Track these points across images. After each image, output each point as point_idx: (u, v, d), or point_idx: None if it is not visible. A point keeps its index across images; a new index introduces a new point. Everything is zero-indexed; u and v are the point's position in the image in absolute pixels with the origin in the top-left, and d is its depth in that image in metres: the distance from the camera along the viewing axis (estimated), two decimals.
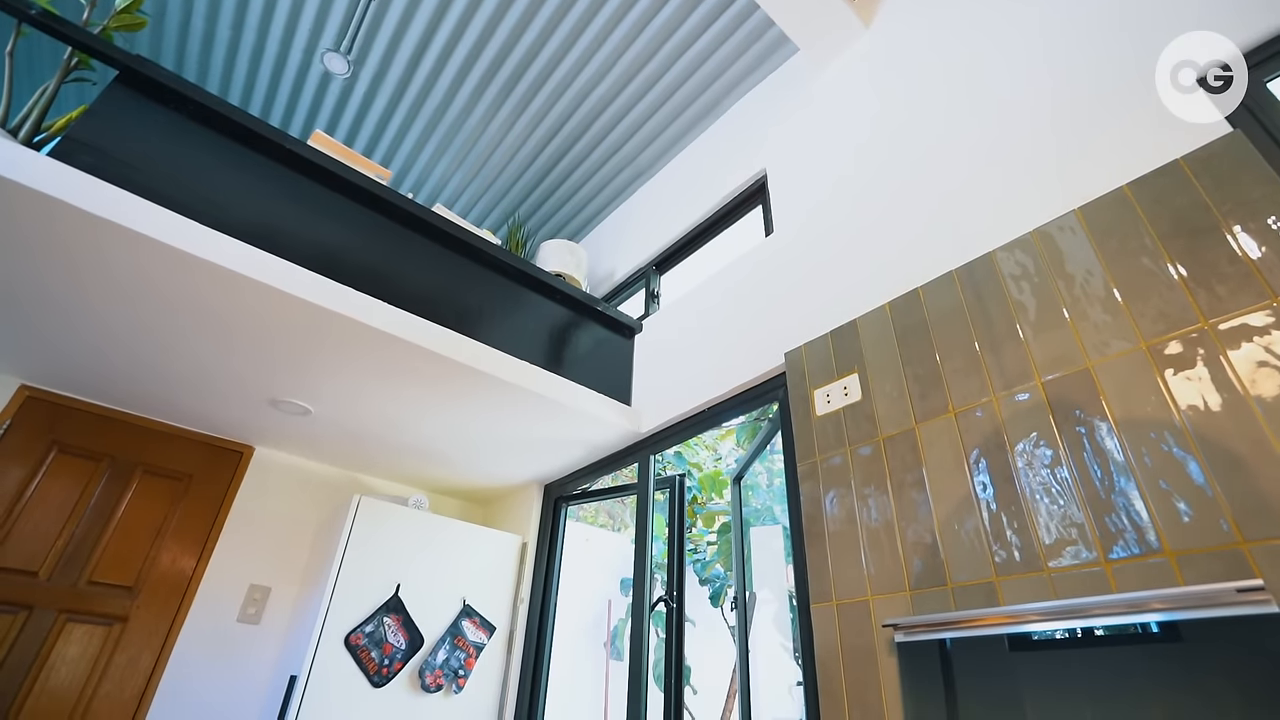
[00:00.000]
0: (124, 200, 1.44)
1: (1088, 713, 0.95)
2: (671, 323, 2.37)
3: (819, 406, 1.57)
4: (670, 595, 1.99)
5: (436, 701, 2.18)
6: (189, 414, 2.31)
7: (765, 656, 2.40)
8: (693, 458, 4.28)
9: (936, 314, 1.41)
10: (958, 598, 1.15)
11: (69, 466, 2.15)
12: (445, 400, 2.10)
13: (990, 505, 1.16)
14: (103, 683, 2.02)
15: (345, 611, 2.10)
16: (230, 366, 1.96)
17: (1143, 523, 0.98)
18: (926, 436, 1.32)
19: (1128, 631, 0.97)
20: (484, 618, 2.38)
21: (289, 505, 2.53)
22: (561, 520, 2.67)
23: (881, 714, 1.18)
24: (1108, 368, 1.10)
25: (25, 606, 1.97)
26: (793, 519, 1.57)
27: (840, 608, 1.32)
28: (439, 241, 2.11)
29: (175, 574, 2.23)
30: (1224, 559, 0.89)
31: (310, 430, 2.36)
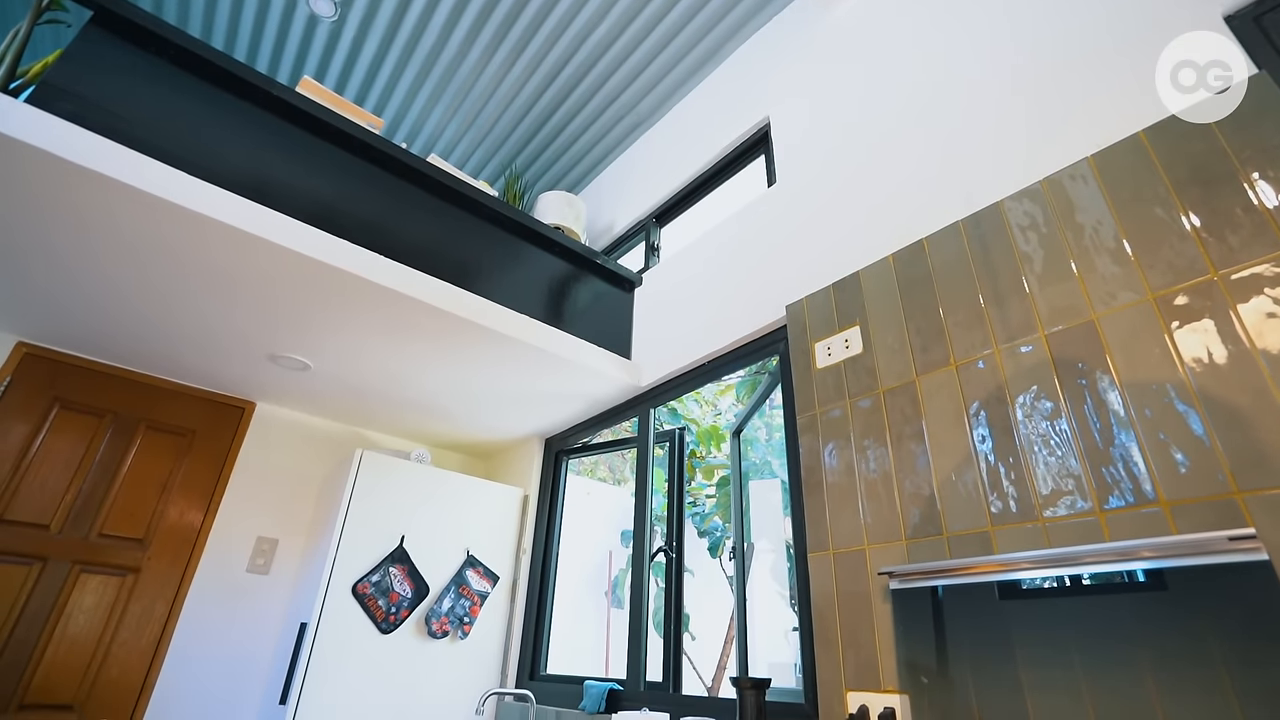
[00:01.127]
0: (109, 150, 1.40)
1: (1075, 656, 0.98)
2: (672, 276, 2.35)
3: (819, 359, 1.56)
4: (670, 546, 2.03)
5: (443, 646, 2.25)
6: (189, 370, 2.31)
7: (762, 604, 2.47)
8: (691, 413, 4.31)
9: (941, 266, 1.39)
10: (953, 546, 1.17)
11: (72, 423, 2.17)
12: (445, 355, 2.09)
13: (988, 457, 1.17)
14: (119, 630, 2.08)
15: (352, 562, 2.14)
16: (227, 322, 1.94)
17: (1139, 474, 0.98)
18: (927, 389, 1.31)
19: (1115, 581, 0.98)
20: (487, 568, 2.44)
21: (292, 460, 2.56)
22: (562, 473, 2.70)
23: (875, 658, 1.21)
24: (1113, 320, 1.09)
25: (39, 558, 2.02)
26: (791, 471, 1.58)
27: (837, 556, 1.35)
28: (436, 194, 2.07)
29: (184, 527, 2.27)
30: (1218, 509, 0.90)
31: (311, 385, 2.36)
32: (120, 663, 2.05)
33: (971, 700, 1.05)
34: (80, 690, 1.98)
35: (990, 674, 1.04)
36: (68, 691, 1.96)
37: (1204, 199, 1.04)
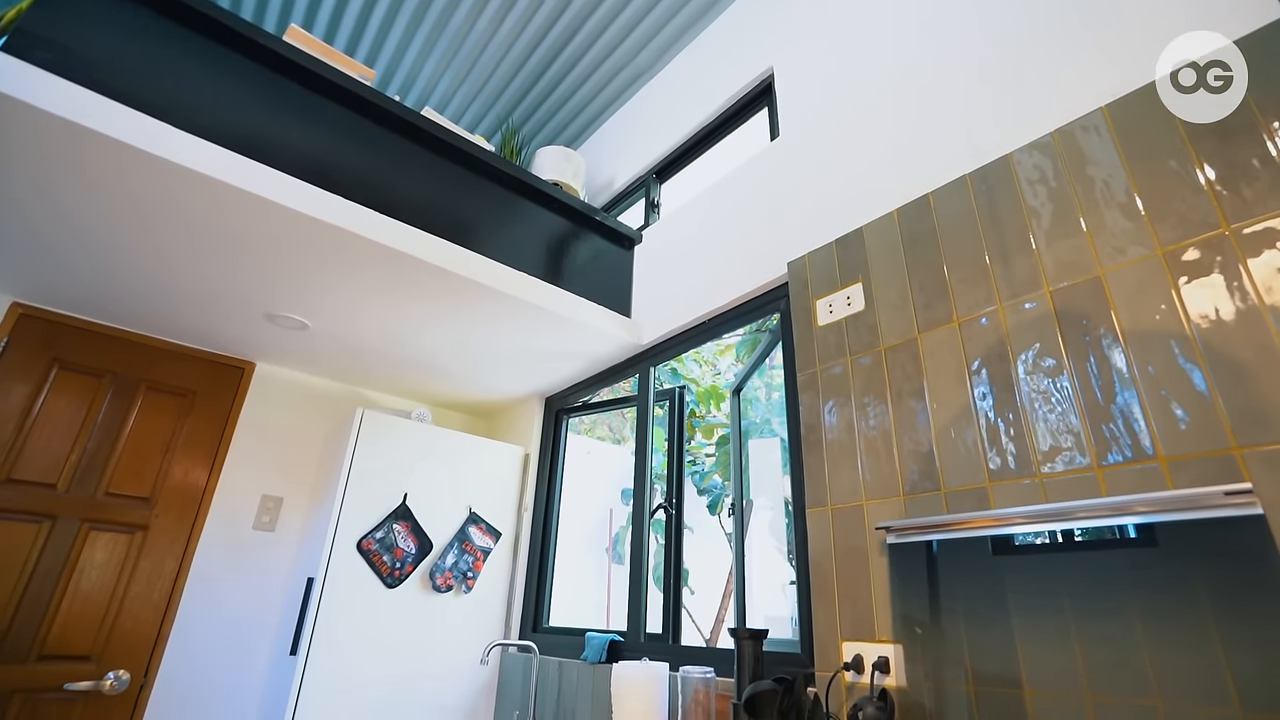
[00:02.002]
0: (93, 102, 1.36)
1: (1066, 605, 0.99)
2: (672, 233, 2.31)
3: (821, 317, 1.55)
4: (669, 503, 2.05)
5: (448, 600, 2.31)
6: (186, 330, 2.30)
7: (760, 559, 2.52)
8: (691, 373, 4.31)
9: (946, 221, 1.36)
10: (950, 502, 1.18)
11: (72, 383, 2.17)
12: (444, 314, 2.08)
13: (988, 414, 1.17)
14: (131, 585, 2.13)
15: (356, 519, 2.18)
16: (222, 281, 1.92)
17: (1139, 430, 0.98)
18: (929, 346, 1.31)
19: (1106, 537, 0.99)
20: (490, 524, 2.48)
21: (294, 419, 2.57)
22: (563, 432, 2.72)
23: (870, 610, 1.24)
24: (1119, 275, 1.07)
25: (49, 516, 2.04)
26: (791, 428, 1.59)
27: (835, 512, 1.36)
28: (432, 149, 2.02)
29: (189, 486, 2.30)
30: (1216, 464, 0.90)
31: (309, 345, 2.36)
32: (133, 616, 2.11)
33: (964, 649, 1.08)
34: (97, 642, 2.03)
35: (982, 624, 1.07)
36: (85, 643, 2.01)
37: (1220, 150, 1.01)
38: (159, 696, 2.08)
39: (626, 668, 1.54)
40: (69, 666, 1.98)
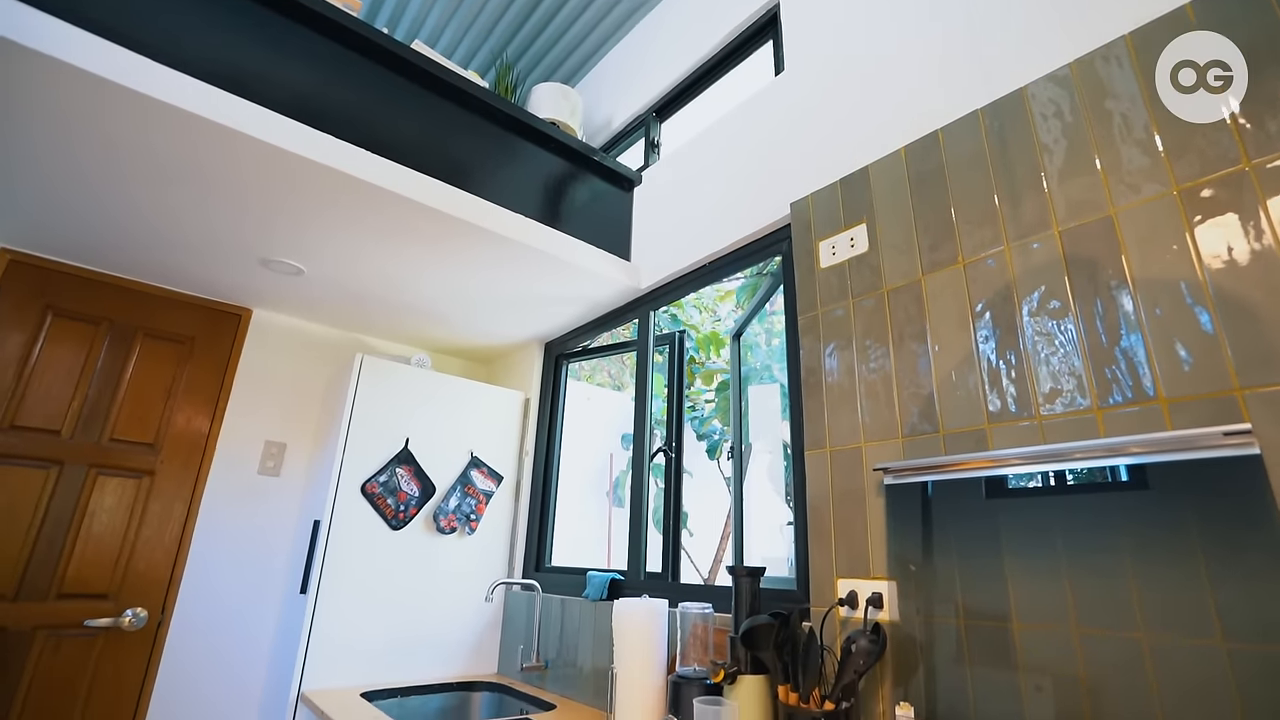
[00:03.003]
0: (69, 35, 1.29)
1: (1059, 543, 1.01)
2: (673, 174, 2.25)
3: (823, 259, 1.52)
4: (669, 446, 2.07)
5: (452, 541, 2.36)
6: (181, 276, 2.27)
7: (758, 501, 2.57)
8: (691, 319, 4.29)
9: (955, 159, 1.32)
10: (948, 443, 1.18)
11: (69, 330, 2.16)
12: (441, 258, 2.05)
13: (990, 356, 1.16)
14: (142, 528, 2.17)
15: (359, 463, 2.21)
16: (213, 225, 1.88)
17: (1142, 371, 0.98)
18: (932, 288, 1.29)
19: (1098, 480, 1.00)
20: (491, 468, 2.52)
21: (293, 366, 2.57)
22: (563, 377, 2.72)
23: (866, 549, 1.26)
24: (1131, 214, 1.04)
25: (55, 462, 2.07)
26: (791, 371, 1.59)
27: (834, 454, 1.38)
28: (424, 85, 1.94)
29: (192, 432, 2.32)
30: (1216, 406, 0.90)
31: (306, 291, 2.33)
32: (146, 558, 2.16)
33: (955, 585, 1.10)
34: (113, 582, 2.09)
35: (975, 562, 1.09)
36: (101, 583, 2.07)
37: (1249, 81, 0.97)
38: (177, 632, 2.16)
39: (627, 604, 1.59)
40: (88, 604, 2.04)
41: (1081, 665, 0.93)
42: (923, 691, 1.09)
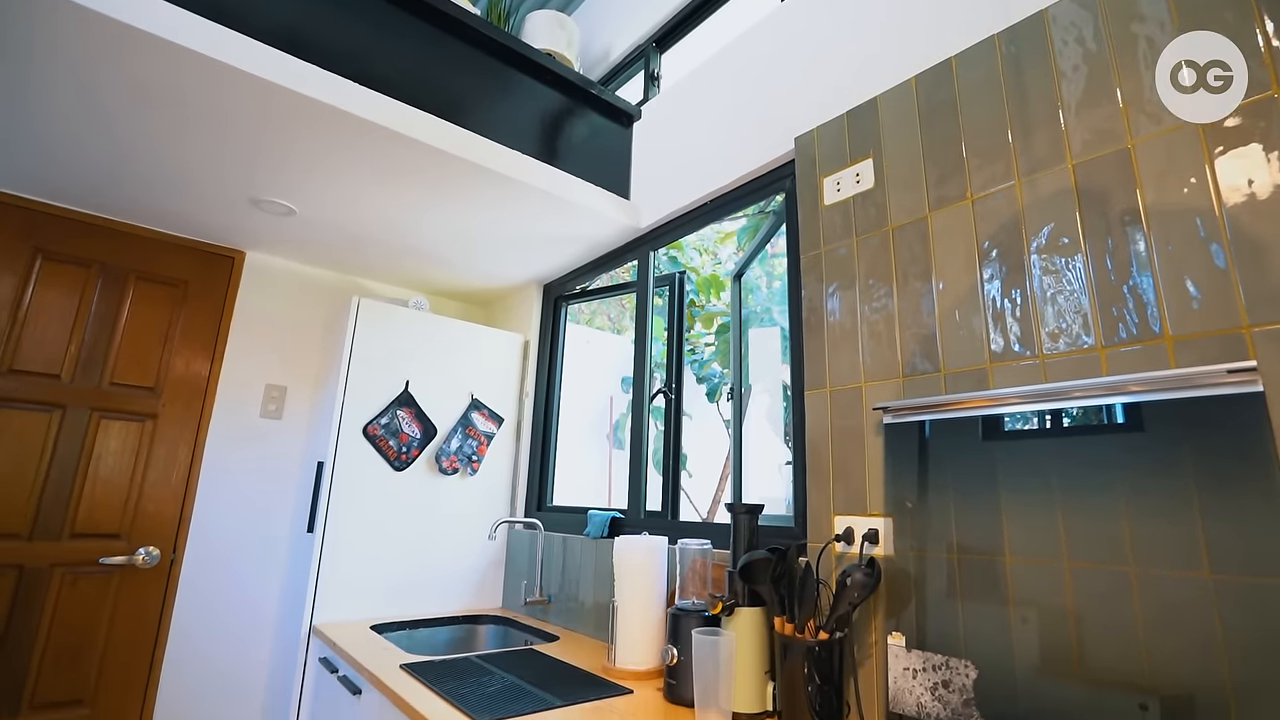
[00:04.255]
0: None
1: (1054, 482, 1.02)
2: (673, 108, 2.17)
3: (828, 195, 1.48)
4: (669, 387, 2.08)
5: (454, 482, 2.40)
6: (170, 218, 2.22)
7: (757, 442, 2.60)
8: (691, 261, 4.23)
9: (968, 89, 1.26)
10: (949, 383, 1.18)
11: (60, 274, 2.13)
12: (436, 197, 1.99)
13: (995, 294, 1.15)
14: (149, 470, 2.20)
15: (360, 406, 2.22)
16: (201, 162, 1.82)
17: (1150, 310, 0.96)
18: (939, 225, 1.26)
19: (1094, 422, 1.00)
20: (492, 410, 2.53)
21: (290, 309, 2.55)
22: (562, 319, 2.71)
23: (863, 487, 1.28)
24: (1149, 146, 1.00)
25: (58, 405, 2.08)
26: (792, 311, 1.57)
27: (833, 394, 1.38)
28: (412, 11, 1.84)
29: (192, 376, 2.32)
30: (1222, 343, 0.89)
31: (299, 232, 2.29)
32: (155, 499, 2.20)
33: (950, 522, 1.12)
34: (123, 522, 2.14)
35: (971, 499, 1.10)
36: (112, 523, 2.12)
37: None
38: (190, 570, 2.22)
39: (627, 541, 1.62)
40: (101, 543, 2.09)
41: (1070, 597, 0.96)
42: (914, 622, 1.12)
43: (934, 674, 1.07)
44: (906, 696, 1.10)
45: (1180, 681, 0.84)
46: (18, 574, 1.95)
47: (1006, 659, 1.00)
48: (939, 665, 1.07)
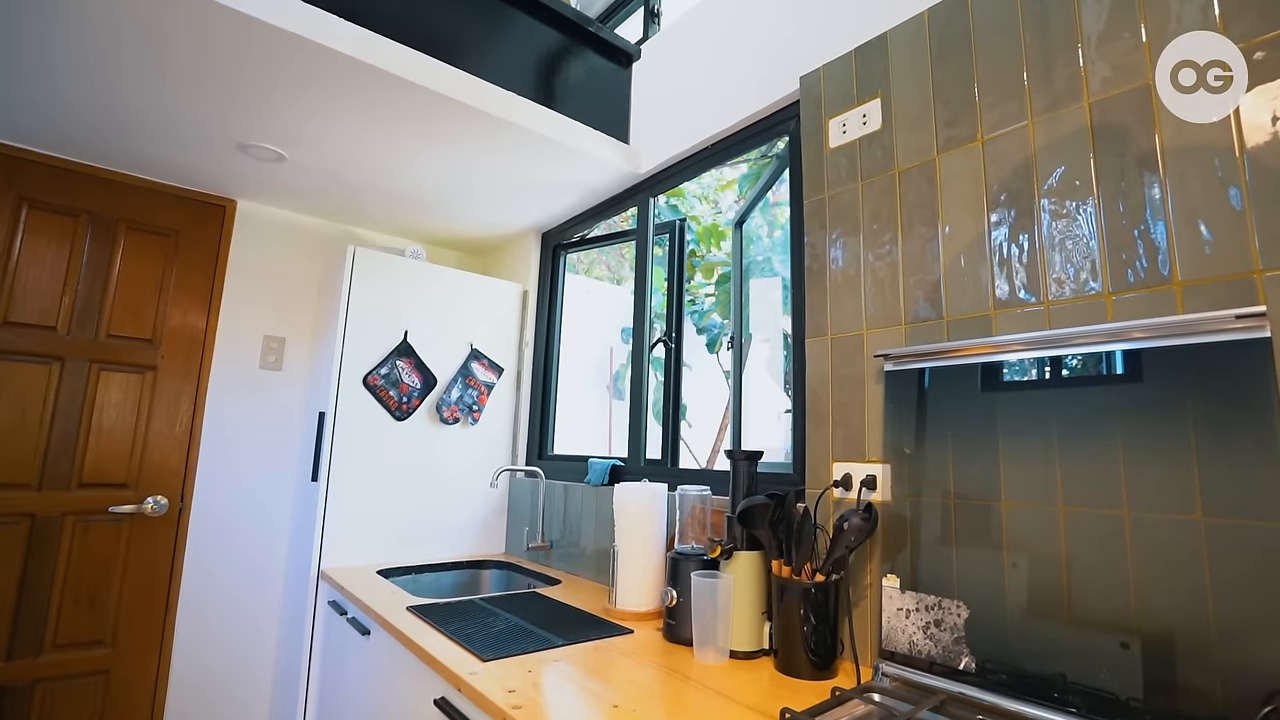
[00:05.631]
0: None
1: (1053, 429, 1.02)
2: (674, 47, 2.08)
3: (833, 138, 1.43)
4: (669, 336, 2.07)
5: (455, 431, 2.42)
6: (156, 165, 2.16)
7: (757, 392, 2.61)
8: (693, 209, 4.16)
9: (983, 21, 1.21)
10: (952, 330, 1.17)
11: (47, 224, 2.09)
12: (430, 141, 1.94)
13: (1003, 240, 1.12)
14: (152, 421, 2.22)
15: (359, 356, 2.21)
16: (183, 106, 1.76)
17: (1160, 255, 0.94)
18: (947, 168, 1.22)
19: (1092, 373, 0.99)
20: (491, 360, 2.53)
21: (285, 259, 2.52)
22: (561, 268, 2.68)
23: (862, 434, 1.28)
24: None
25: (56, 357, 2.07)
26: (794, 257, 1.55)
27: (835, 341, 1.37)
28: None
29: (189, 328, 2.31)
30: (1230, 289, 0.87)
31: (290, 180, 2.23)
32: (160, 449, 2.22)
33: (948, 468, 1.13)
34: (130, 472, 2.16)
35: (969, 446, 1.10)
36: (119, 473, 2.14)
37: None
38: (198, 518, 2.26)
39: (628, 488, 1.64)
40: (109, 492, 2.12)
41: (1063, 540, 0.97)
42: (909, 565, 1.15)
43: (926, 614, 1.10)
44: (899, 635, 1.13)
45: (1163, 620, 0.86)
46: (30, 522, 1.98)
47: (998, 600, 1.02)
48: (932, 605, 1.09)
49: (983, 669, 1.01)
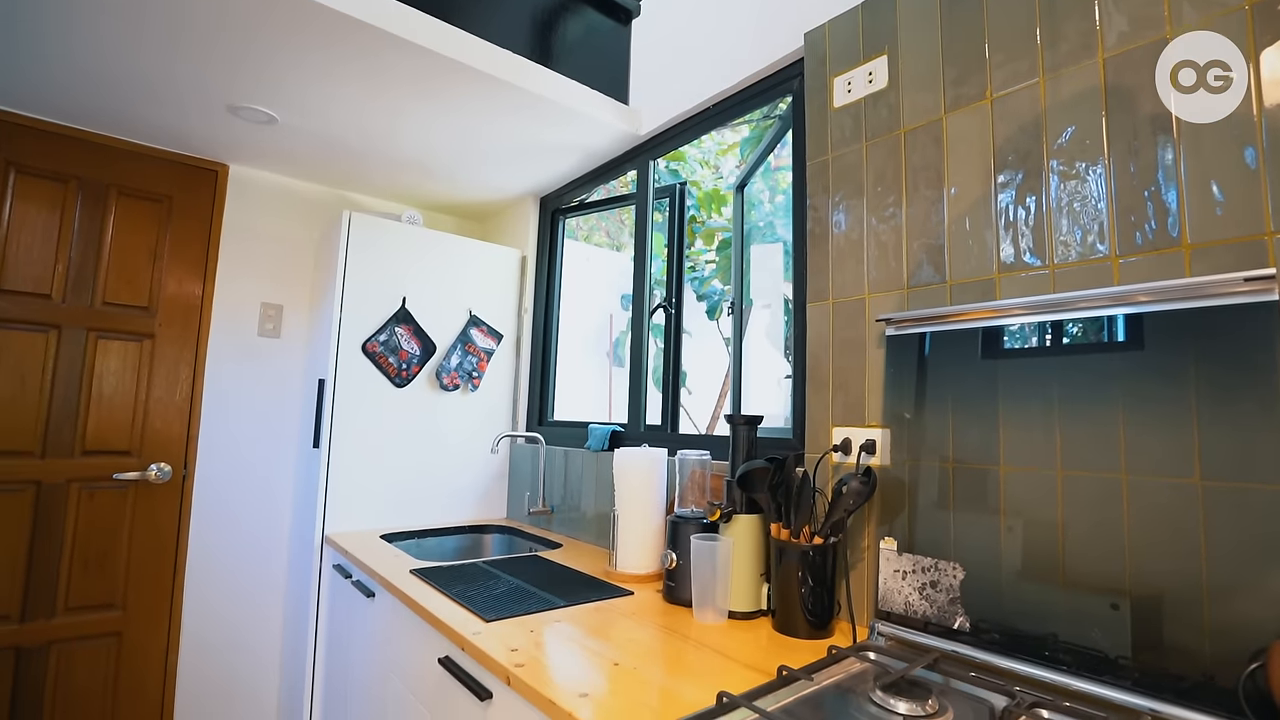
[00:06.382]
0: None
1: (1055, 391, 1.01)
2: (674, 2, 2.02)
3: (838, 97, 1.40)
4: (669, 302, 2.05)
5: (456, 398, 2.43)
6: (145, 128, 2.11)
7: (757, 358, 2.60)
8: (694, 173, 4.09)
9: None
10: (955, 294, 1.16)
11: (36, 189, 2.05)
12: (425, 102, 1.89)
13: (1009, 201, 1.10)
14: (152, 389, 2.22)
15: (357, 323, 2.20)
16: (170, 65, 1.71)
17: (1170, 217, 0.92)
18: (954, 128, 1.19)
19: (1093, 340, 0.98)
20: (491, 326, 2.52)
21: (280, 226, 2.49)
22: (560, 233, 2.65)
23: (863, 399, 1.28)
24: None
25: (52, 325, 2.06)
26: (796, 220, 1.52)
27: (836, 305, 1.36)
28: None
29: (186, 296, 2.29)
30: (1240, 251, 0.86)
31: (282, 143, 2.19)
32: (161, 417, 2.23)
33: (948, 432, 1.13)
34: (133, 440, 2.17)
35: (969, 411, 1.10)
36: (121, 441, 2.15)
37: None
38: (202, 484, 2.28)
39: (628, 453, 1.65)
40: (113, 459, 2.14)
41: (1060, 503, 0.98)
42: (906, 528, 1.16)
43: (923, 575, 1.11)
44: (895, 596, 1.15)
45: (1155, 582, 0.87)
46: (36, 489, 2.00)
47: (994, 562, 1.03)
48: (928, 567, 1.11)
49: (976, 629, 1.03)
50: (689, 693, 0.94)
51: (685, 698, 0.92)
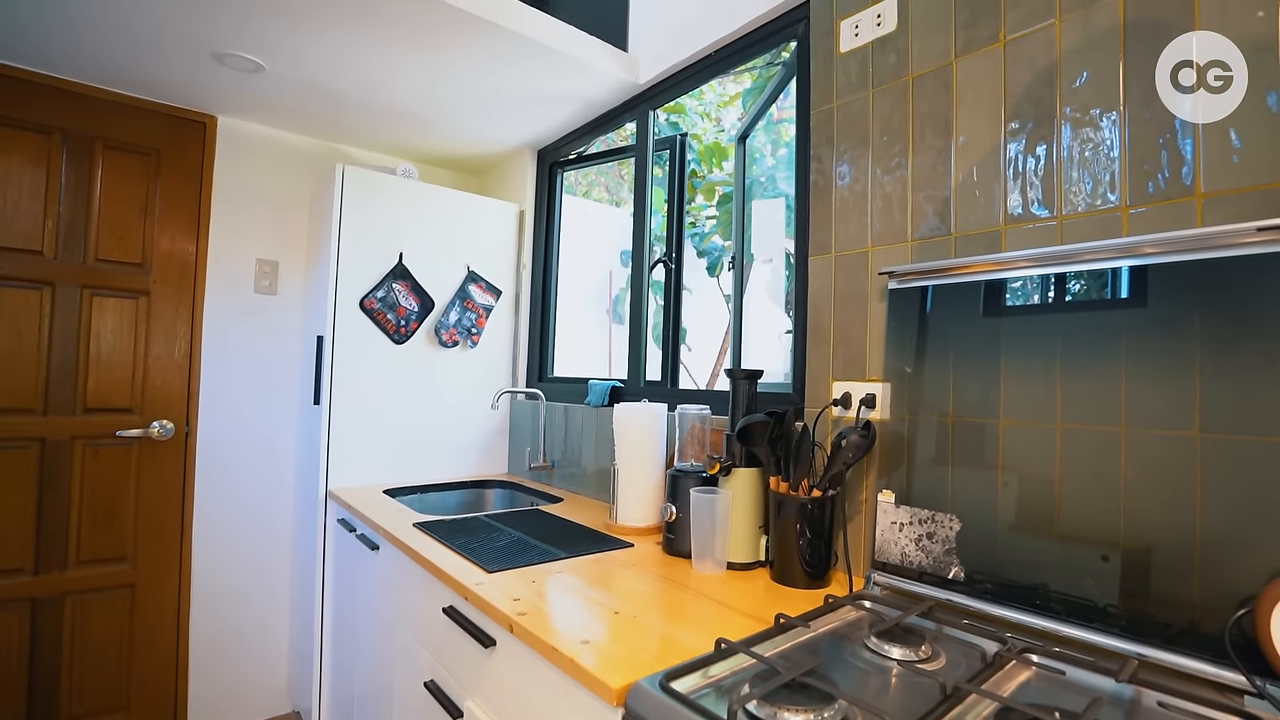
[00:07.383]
0: None
1: (1056, 347, 1.01)
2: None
3: (844, 41, 1.34)
4: (669, 257, 2.03)
5: (455, 354, 2.42)
6: (127, 77, 2.04)
7: (757, 314, 2.59)
8: (694, 126, 3.99)
9: None
10: (961, 246, 1.14)
11: (18, 141, 2.00)
12: (417, 48, 1.82)
13: (1019, 151, 1.07)
14: (150, 346, 2.21)
15: (354, 280, 2.18)
16: (150, 5, 1.64)
17: (1185, 165, 0.90)
18: (964, 73, 1.15)
19: (1094, 297, 0.97)
20: (489, 282, 2.50)
21: (272, 180, 2.43)
22: (558, 187, 2.60)
23: (864, 353, 1.28)
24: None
25: (45, 283, 2.04)
26: (800, 170, 1.49)
27: (839, 258, 1.34)
28: None
29: (179, 252, 2.26)
30: (1254, 201, 0.84)
31: (271, 93, 2.12)
32: (161, 375, 2.23)
33: (948, 386, 1.12)
34: (133, 397, 2.18)
35: (970, 365, 1.10)
36: (122, 399, 2.16)
37: None
38: (205, 441, 2.30)
39: (628, 408, 1.66)
40: (115, 417, 2.14)
41: (1058, 456, 0.98)
42: (904, 481, 1.17)
43: (919, 527, 1.13)
44: (892, 548, 1.16)
45: (1148, 534, 0.88)
46: (40, 446, 2.01)
47: (990, 515, 1.04)
48: (925, 519, 1.12)
49: (970, 579, 1.05)
50: (688, 640, 0.96)
51: (685, 644, 0.95)
